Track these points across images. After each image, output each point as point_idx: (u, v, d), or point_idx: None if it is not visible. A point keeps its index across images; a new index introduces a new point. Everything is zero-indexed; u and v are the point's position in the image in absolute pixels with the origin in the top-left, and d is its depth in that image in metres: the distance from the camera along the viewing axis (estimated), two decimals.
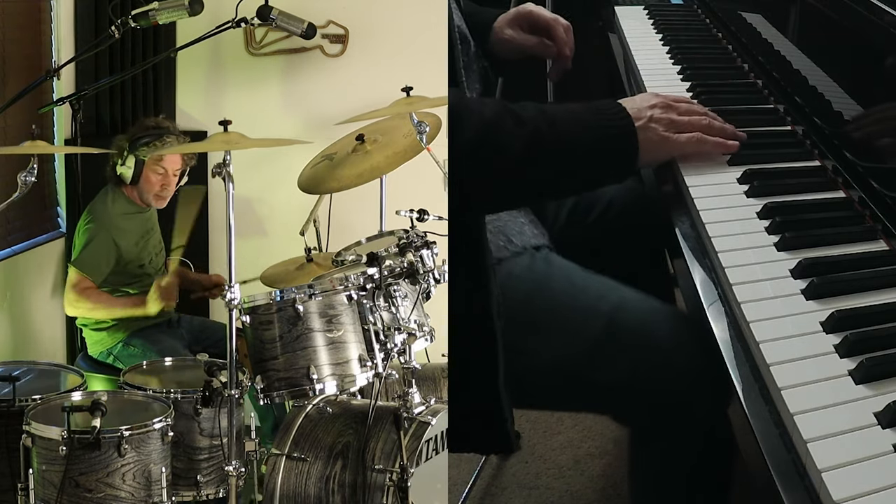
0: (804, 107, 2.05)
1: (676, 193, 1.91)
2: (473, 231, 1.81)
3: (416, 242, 2.85)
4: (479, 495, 2.97)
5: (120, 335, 3.39)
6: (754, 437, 1.37)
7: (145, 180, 3.39)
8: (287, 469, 2.71)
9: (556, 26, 2.29)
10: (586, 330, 1.85)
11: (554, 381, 1.89)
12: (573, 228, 2.22)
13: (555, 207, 2.24)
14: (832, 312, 1.48)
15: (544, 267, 1.95)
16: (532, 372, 1.88)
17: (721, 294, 1.62)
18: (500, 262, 1.92)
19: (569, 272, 1.95)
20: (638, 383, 1.81)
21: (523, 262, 1.94)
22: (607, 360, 1.83)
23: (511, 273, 1.92)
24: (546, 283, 1.92)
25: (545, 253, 1.99)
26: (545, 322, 1.88)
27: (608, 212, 2.24)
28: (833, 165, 1.88)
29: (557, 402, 1.97)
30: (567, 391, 1.92)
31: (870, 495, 1.19)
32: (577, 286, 1.91)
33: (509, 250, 1.95)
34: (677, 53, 2.51)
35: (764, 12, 2.37)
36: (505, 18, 2.33)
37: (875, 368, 1.37)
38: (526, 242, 1.98)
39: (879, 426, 1.29)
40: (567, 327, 1.86)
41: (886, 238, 1.67)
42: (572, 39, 2.32)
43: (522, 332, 1.87)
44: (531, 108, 1.76)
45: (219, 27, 3.49)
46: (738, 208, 1.79)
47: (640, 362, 1.81)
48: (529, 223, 2.05)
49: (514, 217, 2.03)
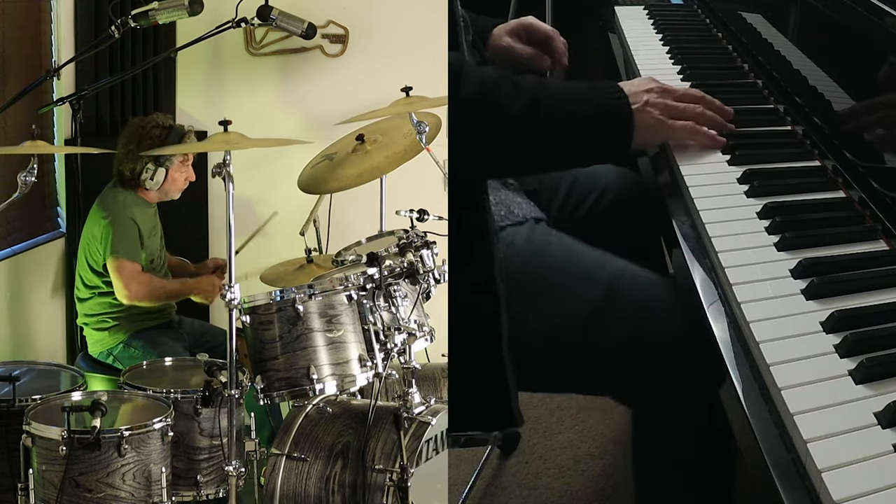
0: (804, 107, 2.05)
1: (676, 193, 1.91)
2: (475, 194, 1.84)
3: (416, 242, 2.85)
4: (479, 495, 2.97)
5: (121, 336, 3.39)
6: (754, 437, 1.37)
7: (171, 182, 3.40)
8: (287, 469, 2.71)
9: (555, 38, 2.33)
10: (585, 297, 1.87)
11: (552, 353, 1.91)
12: (567, 218, 2.23)
13: (548, 196, 2.27)
14: (832, 312, 1.48)
15: (544, 236, 1.98)
16: (531, 341, 1.90)
17: (721, 294, 1.62)
18: (501, 229, 1.94)
19: (568, 242, 1.98)
20: (637, 351, 1.83)
21: (523, 232, 1.98)
22: (606, 327, 1.85)
23: (511, 242, 1.95)
24: (545, 251, 1.95)
25: (543, 225, 2.03)
26: (544, 290, 1.90)
27: (601, 201, 2.27)
28: (833, 165, 1.88)
29: (556, 376, 1.97)
30: (566, 362, 1.92)
31: (870, 495, 1.19)
32: (576, 254, 1.95)
33: (510, 220, 1.99)
34: (677, 53, 2.51)
35: (764, 12, 2.37)
36: (504, 28, 2.36)
37: (875, 368, 1.37)
38: (527, 213, 2.02)
39: (879, 426, 1.29)
40: (566, 295, 1.89)
41: (886, 238, 1.67)
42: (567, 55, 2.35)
43: (521, 301, 1.89)
44: (531, 78, 1.81)
45: (219, 27, 3.49)
46: (738, 208, 1.79)
47: (638, 329, 1.83)
48: (527, 202, 2.09)
49: (513, 196, 2.06)
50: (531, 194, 2.20)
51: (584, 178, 2.30)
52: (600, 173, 2.32)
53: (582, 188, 2.29)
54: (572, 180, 2.30)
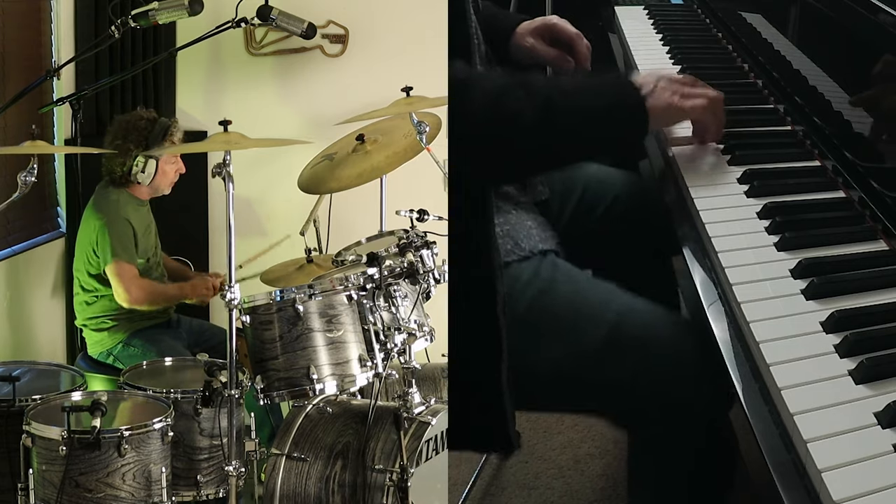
0: (804, 107, 2.05)
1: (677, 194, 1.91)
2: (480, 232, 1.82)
3: (416, 242, 2.85)
4: (479, 495, 2.97)
5: (120, 335, 3.39)
6: (754, 437, 1.37)
7: (161, 175, 3.40)
8: (287, 469, 2.71)
9: (579, 42, 2.33)
10: (589, 335, 1.86)
11: (555, 385, 1.90)
12: (578, 227, 2.23)
13: (559, 205, 2.26)
14: (832, 312, 1.48)
15: (550, 272, 1.96)
16: (534, 375, 1.89)
17: (721, 294, 1.62)
18: (507, 265, 1.93)
19: (575, 278, 1.96)
20: (639, 388, 1.82)
21: (530, 267, 1.95)
22: (609, 363, 1.83)
23: (518, 278, 1.93)
24: (551, 288, 1.93)
25: (552, 258, 2.01)
26: (549, 326, 1.89)
27: (613, 210, 2.26)
28: (833, 165, 1.88)
29: (558, 406, 1.98)
30: (568, 394, 1.92)
31: (870, 495, 1.19)
32: (583, 292, 1.93)
33: (516, 254, 1.96)
34: (677, 53, 2.51)
35: (764, 12, 2.37)
36: (528, 27, 2.35)
37: (875, 368, 1.37)
38: (533, 247, 1.99)
39: (879, 426, 1.29)
40: (571, 332, 1.87)
41: (886, 238, 1.67)
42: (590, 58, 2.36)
43: (526, 337, 1.88)
44: (540, 78, 1.82)
45: (219, 27, 3.49)
46: (738, 208, 1.79)
47: (641, 366, 1.81)
48: (537, 227, 2.06)
49: (522, 220, 2.04)
50: (543, 205, 2.18)
51: (596, 186, 2.28)
52: (611, 181, 2.31)
53: (593, 196, 2.27)
54: (584, 188, 2.28)
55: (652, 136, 2.13)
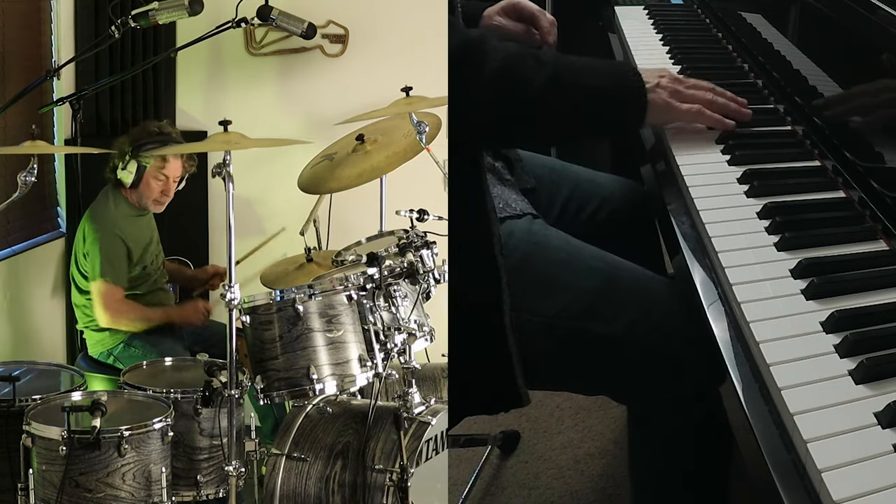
0: (804, 107, 2.05)
1: (676, 193, 1.91)
2: (473, 174, 1.91)
3: (416, 242, 2.85)
4: (479, 495, 2.97)
5: (121, 336, 3.38)
6: (754, 437, 1.37)
7: (146, 185, 3.38)
8: (287, 469, 2.71)
9: (541, 16, 2.44)
10: (584, 286, 1.92)
11: (550, 343, 1.93)
12: (568, 222, 2.26)
13: (548, 196, 2.31)
14: (832, 312, 1.48)
15: (542, 230, 2.04)
16: (529, 331, 1.92)
17: (721, 294, 1.62)
18: (501, 220, 2.00)
19: (565, 237, 2.04)
20: (634, 339, 1.87)
21: (522, 225, 2.03)
22: (604, 316, 1.90)
23: (511, 232, 2.00)
24: (545, 243, 2.00)
25: (542, 221, 2.08)
26: (544, 282, 1.95)
27: (602, 209, 2.32)
28: (833, 165, 1.88)
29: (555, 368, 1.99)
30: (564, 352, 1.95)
31: (870, 495, 1.19)
32: (575, 248, 2.01)
33: (507, 212, 2.04)
34: (677, 53, 2.51)
35: (764, 12, 2.37)
36: (494, 8, 2.46)
37: (875, 368, 1.37)
38: (524, 209, 2.08)
39: (879, 426, 1.29)
40: (565, 286, 1.93)
41: (886, 238, 1.67)
42: (555, 32, 2.45)
43: (520, 292, 1.92)
44: (550, 54, 1.94)
45: (219, 27, 3.49)
46: (738, 208, 1.79)
47: (636, 319, 1.88)
48: (524, 201, 2.14)
49: (509, 193, 2.12)
50: (528, 192, 2.22)
51: (587, 186, 2.35)
52: (603, 182, 2.38)
53: (584, 195, 2.33)
54: (574, 185, 2.34)
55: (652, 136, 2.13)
